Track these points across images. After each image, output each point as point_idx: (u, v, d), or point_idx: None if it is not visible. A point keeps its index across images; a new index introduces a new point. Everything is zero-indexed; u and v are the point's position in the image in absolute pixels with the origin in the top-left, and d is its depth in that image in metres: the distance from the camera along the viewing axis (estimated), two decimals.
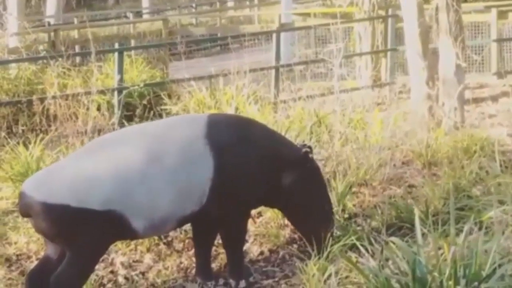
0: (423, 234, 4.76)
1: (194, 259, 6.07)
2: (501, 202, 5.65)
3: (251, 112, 9.50)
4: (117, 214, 5.07)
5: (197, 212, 5.39)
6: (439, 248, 4.46)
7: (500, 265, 4.31)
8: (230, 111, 9.56)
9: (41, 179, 5.25)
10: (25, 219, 7.03)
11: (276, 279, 5.78)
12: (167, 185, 5.20)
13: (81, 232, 5.06)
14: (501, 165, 6.98)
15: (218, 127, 5.52)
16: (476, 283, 4.16)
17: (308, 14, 17.99)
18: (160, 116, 10.63)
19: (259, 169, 5.54)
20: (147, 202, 5.15)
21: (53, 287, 5.11)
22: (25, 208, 5.16)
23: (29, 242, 6.61)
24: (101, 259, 6.21)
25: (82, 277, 5.23)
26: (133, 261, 6.29)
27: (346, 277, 4.98)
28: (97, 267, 6.15)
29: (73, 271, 5.11)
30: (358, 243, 4.85)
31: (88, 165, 5.15)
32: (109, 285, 5.95)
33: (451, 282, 4.13)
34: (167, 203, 5.22)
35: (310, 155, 5.67)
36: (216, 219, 5.57)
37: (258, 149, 5.57)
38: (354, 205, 6.75)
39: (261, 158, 5.56)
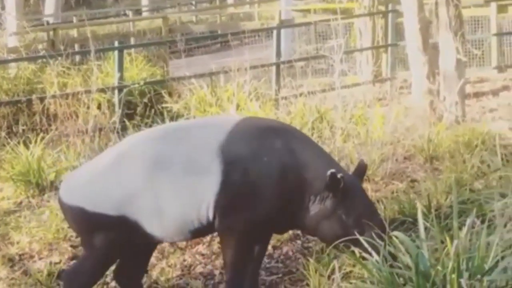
0: (425, 228, 4.76)
1: (197, 256, 6.07)
2: (503, 195, 5.63)
3: (253, 109, 9.49)
4: (129, 218, 4.94)
5: (207, 227, 5.05)
6: (442, 242, 4.46)
7: (502, 258, 4.31)
8: (231, 108, 9.55)
9: (69, 179, 5.37)
10: (27, 218, 7.09)
11: (280, 275, 5.76)
12: (171, 192, 4.93)
13: (96, 234, 5.05)
14: (502, 159, 6.97)
15: (236, 137, 4.99)
16: (479, 276, 4.16)
17: (308, 10, 18.00)
18: (161, 114, 10.59)
19: (272, 191, 4.91)
20: (153, 207, 4.94)
21: (63, 281, 5.20)
22: (59, 206, 5.38)
23: (32, 242, 6.61)
24: None
25: (92, 276, 5.18)
26: None
27: (350, 271, 4.98)
28: None
29: (83, 269, 5.12)
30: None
31: (102, 167, 5.09)
32: (112, 283, 5.94)
33: (454, 276, 4.12)
34: (174, 211, 4.95)
35: (339, 176, 4.75)
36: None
37: (275, 168, 4.91)
38: None
39: (277, 178, 4.91)
